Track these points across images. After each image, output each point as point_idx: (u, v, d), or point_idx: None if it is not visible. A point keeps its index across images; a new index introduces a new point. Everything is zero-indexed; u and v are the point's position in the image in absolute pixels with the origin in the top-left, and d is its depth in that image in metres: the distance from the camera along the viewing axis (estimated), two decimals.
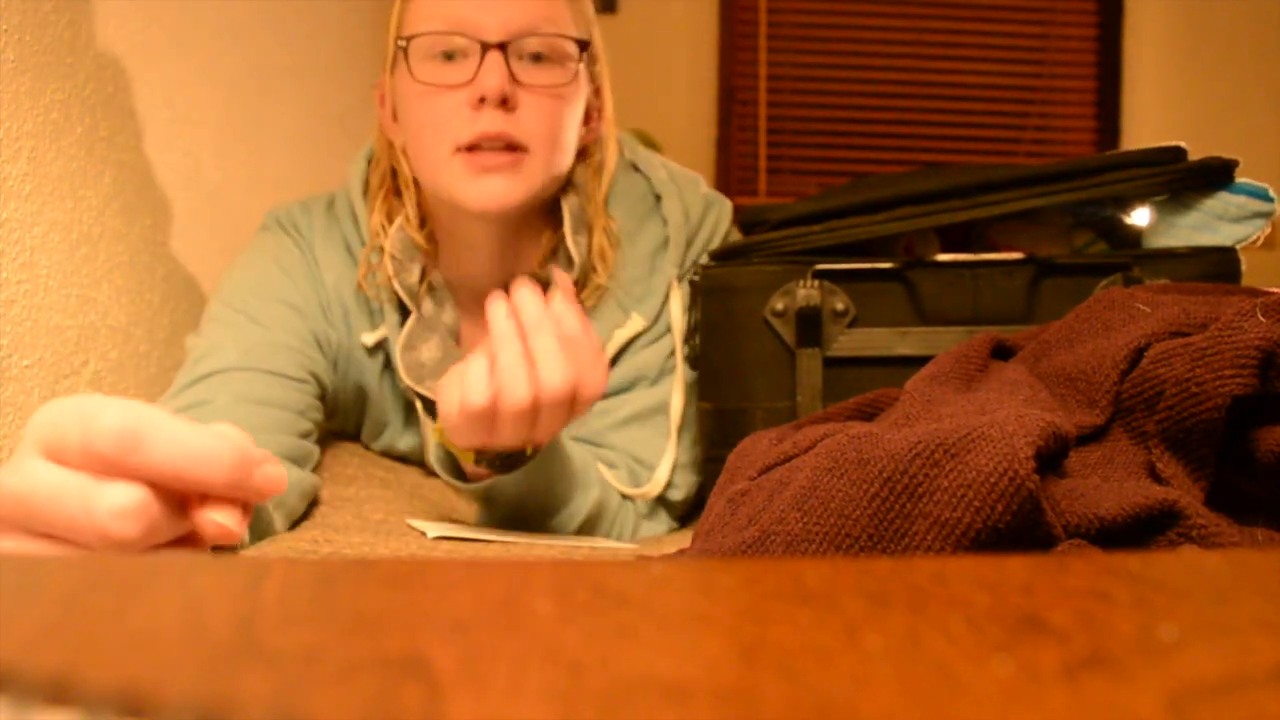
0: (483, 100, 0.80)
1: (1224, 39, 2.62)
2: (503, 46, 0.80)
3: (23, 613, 0.20)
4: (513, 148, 0.82)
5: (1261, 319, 0.44)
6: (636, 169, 0.96)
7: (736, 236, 0.98)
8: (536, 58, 0.83)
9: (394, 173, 0.90)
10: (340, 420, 0.97)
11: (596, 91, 0.91)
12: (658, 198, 0.95)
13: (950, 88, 2.67)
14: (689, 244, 0.94)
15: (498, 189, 0.82)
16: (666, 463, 0.87)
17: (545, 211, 0.91)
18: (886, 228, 0.82)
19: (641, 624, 0.19)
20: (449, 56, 0.82)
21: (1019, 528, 0.38)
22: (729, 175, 2.60)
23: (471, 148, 0.81)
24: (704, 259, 0.93)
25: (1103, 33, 2.68)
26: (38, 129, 0.79)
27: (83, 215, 0.85)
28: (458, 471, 0.78)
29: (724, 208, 0.98)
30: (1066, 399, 0.53)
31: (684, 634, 0.19)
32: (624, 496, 0.85)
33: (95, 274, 0.87)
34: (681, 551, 0.59)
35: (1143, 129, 2.63)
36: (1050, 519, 0.39)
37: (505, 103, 0.80)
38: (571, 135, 0.87)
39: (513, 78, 0.81)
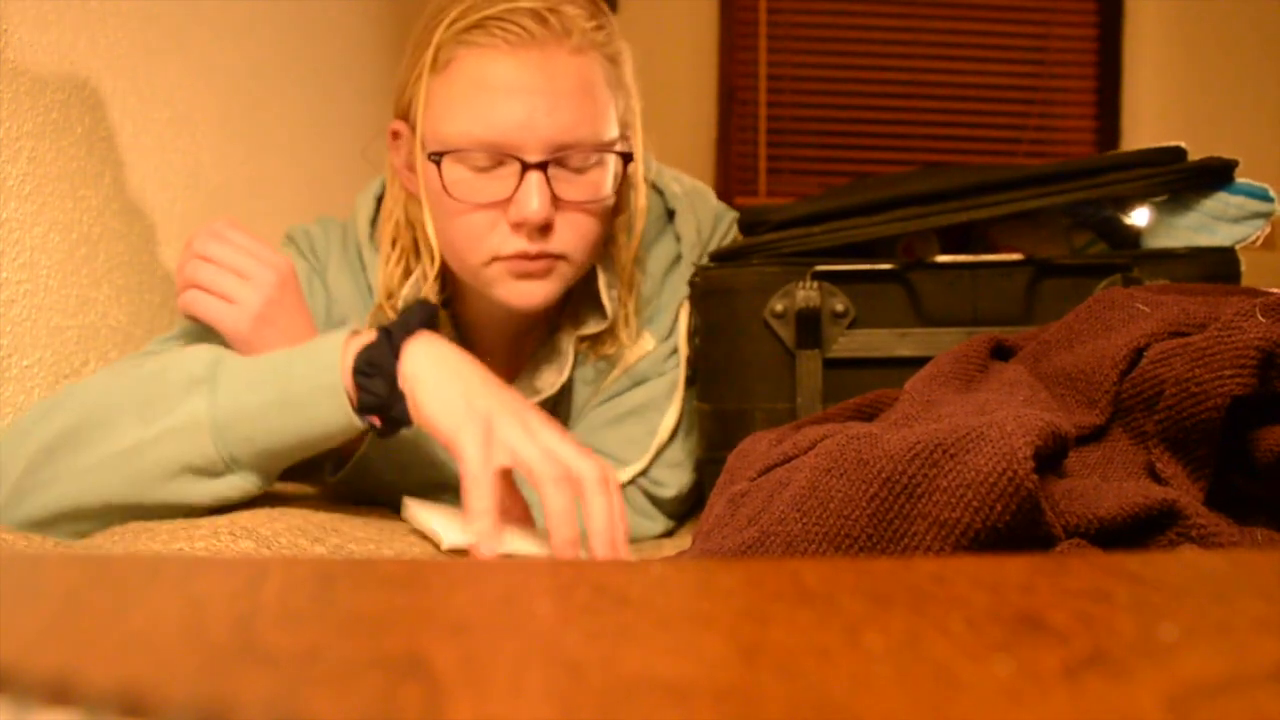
0: (521, 224, 0.78)
1: (1224, 39, 2.62)
2: (543, 165, 0.77)
3: (23, 613, 0.20)
4: (549, 256, 0.80)
5: (1261, 319, 0.44)
6: (651, 184, 0.95)
7: (736, 238, 0.98)
8: (577, 166, 0.80)
9: (410, 227, 0.87)
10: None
11: (630, 159, 0.89)
12: (670, 213, 0.95)
13: (950, 88, 2.67)
14: (700, 260, 0.93)
15: (534, 291, 0.81)
16: (643, 458, 0.87)
17: None
18: (887, 229, 0.82)
19: (641, 624, 0.19)
20: (485, 168, 0.79)
21: (1018, 528, 0.38)
22: (729, 175, 2.60)
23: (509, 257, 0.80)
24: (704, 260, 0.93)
25: (1103, 33, 2.68)
26: (38, 129, 0.79)
27: (83, 215, 0.85)
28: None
29: (731, 219, 0.98)
30: (1066, 399, 0.53)
31: (684, 634, 0.19)
32: None
33: (95, 274, 0.87)
34: (681, 552, 0.59)
35: (1143, 129, 2.63)
36: (1050, 519, 0.39)
37: (544, 226, 0.79)
38: (606, 228, 0.86)
39: (553, 196, 0.78)
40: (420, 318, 0.68)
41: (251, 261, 0.75)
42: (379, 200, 0.92)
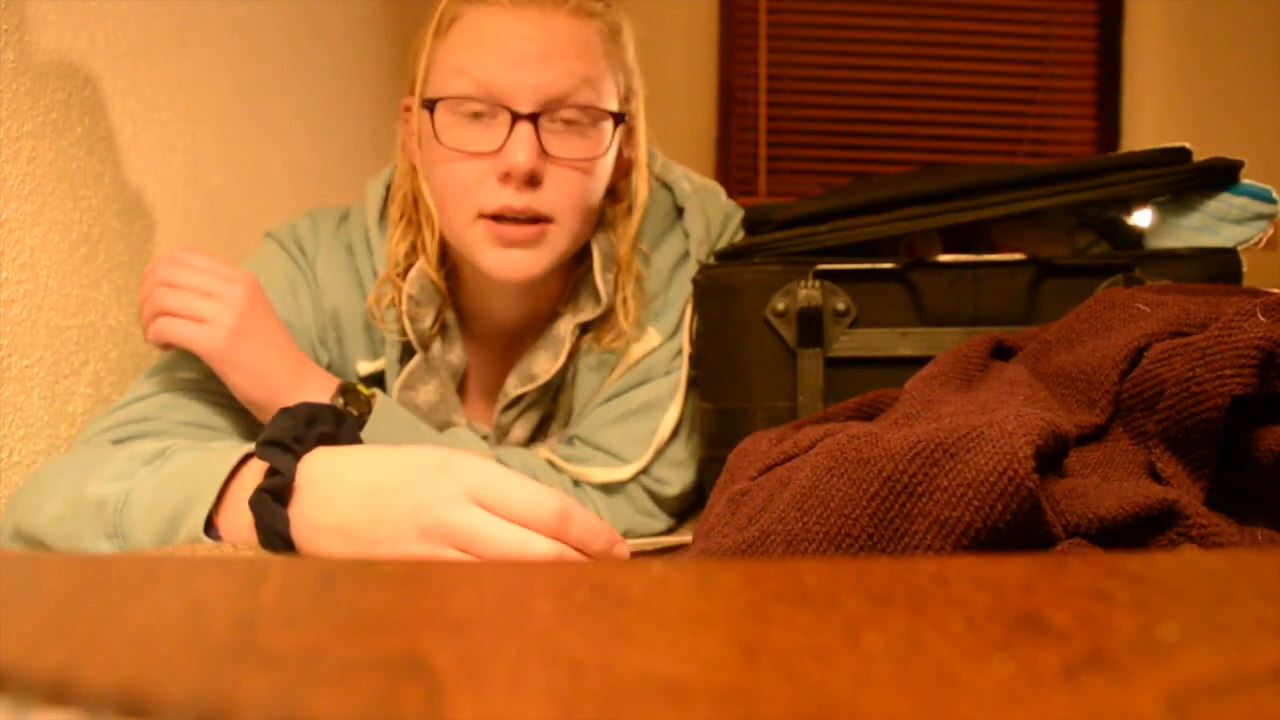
0: (509, 175, 0.78)
1: (1224, 39, 2.62)
2: (534, 117, 0.78)
3: (23, 613, 0.20)
4: (537, 219, 0.80)
5: (1261, 319, 0.44)
6: (660, 180, 0.95)
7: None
8: (569, 123, 0.80)
9: (415, 201, 0.88)
10: None
11: (630, 133, 0.89)
12: (679, 210, 0.95)
13: (950, 88, 2.67)
14: (709, 257, 0.93)
15: (520, 260, 0.81)
16: (644, 456, 0.87)
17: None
18: (892, 228, 0.82)
19: (641, 624, 0.19)
20: (477, 116, 0.79)
21: (1019, 527, 0.38)
22: (729, 175, 2.60)
23: (495, 216, 0.80)
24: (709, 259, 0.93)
25: (1103, 33, 2.68)
26: (38, 129, 0.79)
27: (83, 215, 0.85)
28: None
29: (739, 217, 0.98)
30: (1066, 399, 0.53)
31: (684, 634, 0.19)
32: (576, 482, 0.86)
33: (95, 274, 0.87)
34: (681, 550, 0.59)
35: (1143, 129, 2.63)
36: (1050, 518, 0.39)
37: (532, 178, 0.79)
38: (599, 197, 0.86)
39: (542, 150, 0.79)
40: (287, 459, 0.59)
41: (216, 280, 0.75)
42: (388, 188, 0.93)
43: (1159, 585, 0.22)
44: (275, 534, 0.57)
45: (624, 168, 0.90)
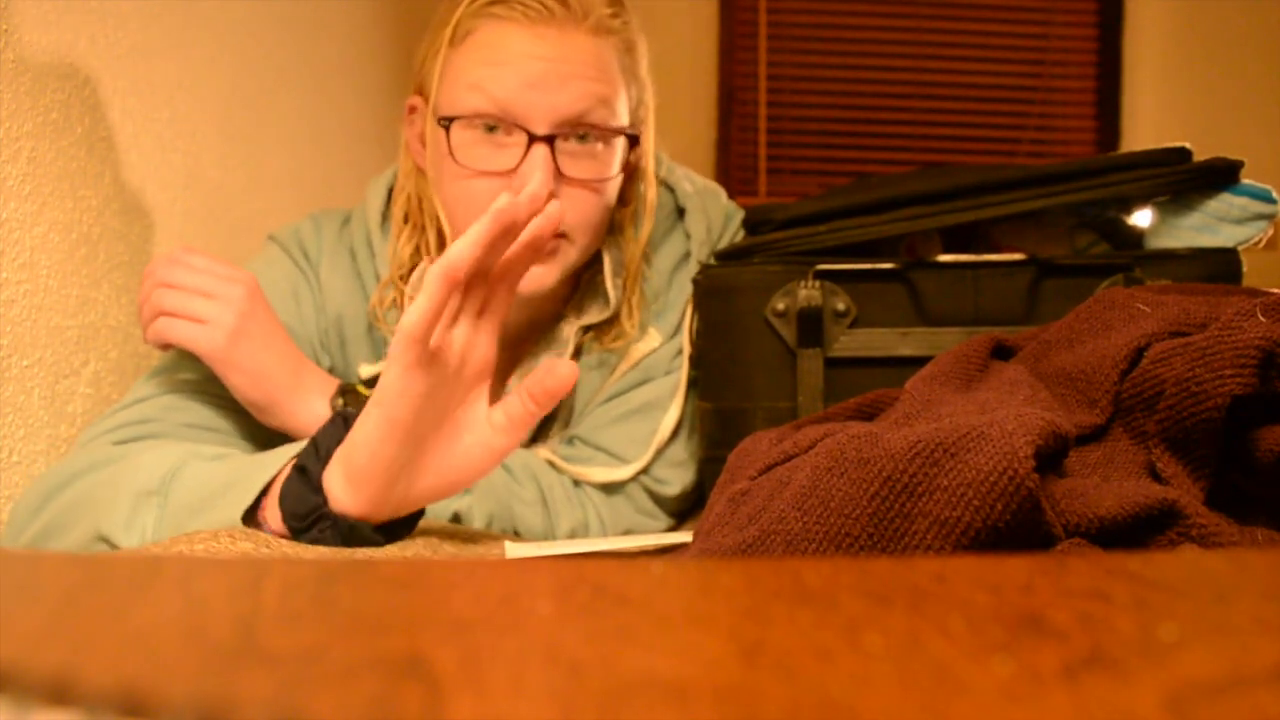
0: None
1: (1224, 39, 2.62)
2: (550, 139, 0.78)
3: (23, 613, 0.20)
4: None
5: (1261, 319, 0.44)
6: (662, 182, 0.95)
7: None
8: (583, 141, 0.80)
9: (420, 202, 0.88)
10: None
11: (639, 141, 0.89)
12: (680, 211, 0.95)
13: (950, 88, 2.67)
14: (709, 257, 0.93)
15: (532, 274, 0.80)
16: (644, 456, 0.86)
17: None
18: (892, 228, 0.82)
19: (641, 624, 0.19)
20: (491, 129, 0.79)
21: (1019, 527, 0.38)
22: (729, 175, 2.60)
23: None
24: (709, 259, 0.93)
25: (1103, 33, 2.68)
26: (38, 129, 0.79)
27: (83, 215, 0.85)
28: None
29: (740, 217, 0.98)
30: (1067, 399, 0.53)
31: (684, 634, 0.19)
32: (576, 482, 0.86)
33: (95, 274, 0.87)
34: (680, 548, 0.59)
35: (1143, 129, 2.63)
36: (1050, 518, 0.39)
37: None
38: (610, 212, 0.86)
39: (557, 172, 0.79)
40: (330, 442, 0.62)
41: (215, 280, 0.75)
42: (390, 190, 0.92)
43: (1159, 585, 0.22)
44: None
45: (630, 172, 0.90)
